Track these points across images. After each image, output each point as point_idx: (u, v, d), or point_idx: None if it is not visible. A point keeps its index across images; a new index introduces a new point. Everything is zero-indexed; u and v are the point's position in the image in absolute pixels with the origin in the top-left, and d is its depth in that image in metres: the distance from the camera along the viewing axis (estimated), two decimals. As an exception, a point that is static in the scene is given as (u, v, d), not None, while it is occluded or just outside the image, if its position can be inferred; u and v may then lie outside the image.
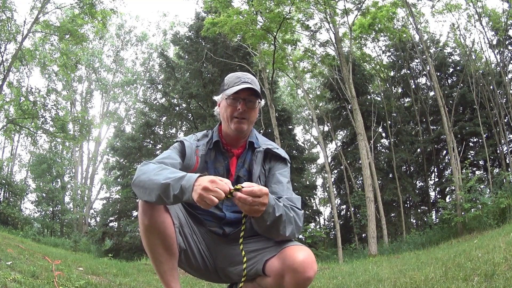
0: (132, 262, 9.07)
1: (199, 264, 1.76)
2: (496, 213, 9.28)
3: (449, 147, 12.05)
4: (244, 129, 1.72)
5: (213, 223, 1.76)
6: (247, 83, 1.71)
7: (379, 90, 19.84)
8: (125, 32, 29.51)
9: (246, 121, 1.72)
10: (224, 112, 1.75)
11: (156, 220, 1.58)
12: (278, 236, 1.56)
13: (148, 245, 1.63)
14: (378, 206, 13.26)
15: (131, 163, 17.53)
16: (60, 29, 15.69)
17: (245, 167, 1.77)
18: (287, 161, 1.80)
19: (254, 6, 12.30)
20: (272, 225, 1.49)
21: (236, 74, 1.78)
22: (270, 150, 1.77)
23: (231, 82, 1.75)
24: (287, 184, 1.74)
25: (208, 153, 1.77)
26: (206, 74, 16.04)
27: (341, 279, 4.38)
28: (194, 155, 1.74)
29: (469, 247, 5.11)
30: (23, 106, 16.40)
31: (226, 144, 1.79)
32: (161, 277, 1.69)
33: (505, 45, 16.36)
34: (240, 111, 1.69)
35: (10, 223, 16.40)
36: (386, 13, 13.77)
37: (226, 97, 1.73)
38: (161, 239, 1.60)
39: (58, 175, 22.03)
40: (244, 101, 1.70)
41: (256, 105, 1.74)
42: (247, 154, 1.78)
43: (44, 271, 3.27)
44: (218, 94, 1.82)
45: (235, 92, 1.68)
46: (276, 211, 1.46)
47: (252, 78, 1.76)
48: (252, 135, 1.82)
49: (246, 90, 1.69)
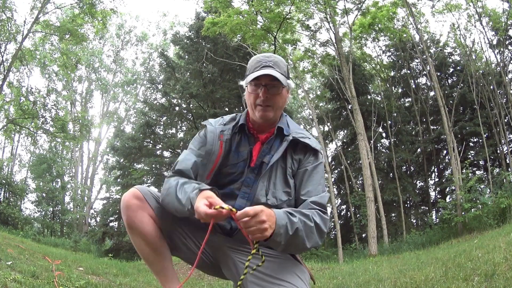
0: (132, 262, 9.08)
1: (202, 263, 1.70)
2: (496, 213, 9.28)
3: (449, 147, 12.05)
4: (269, 117, 1.60)
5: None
6: (268, 67, 1.58)
7: (379, 90, 19.83)
8: (125, 32, 29.49)
9: (271, 108, 1.59)
10: (248, 99, 1.64)
11: (134, 220, 1.57)
12: (298, 250, 1.51)
13: (135, 245, 1.63)
14: (378, 206, 13.26)
15: (131, 163, 17.53)
16: (60, 29, 15.69)
17: (271, 154, 1.62)
18: (319, 153, 1.64)
19: (254, 6, 12.30)
20: (288, 243, 1.40)
21: (257, 57, 1.66)
22: (297, 140, 1.60)
23: (252, 67, 1.63)
24: (320, 179, 1.60)
25: (234, 137, 1.67)
26: (206, 74, 16.02)
27: (341, 279, 4.38)
28: (218, 140, 1.64)
29: (469, 247, 5.11)
30: (23, 106, 16.39)
31: (252, 129, 1.68)
32: (156, 277, 1.68)
33: (505, 45, 16.35)
34: (262, 99, 1.57)
35: (10, 223, 16.38)
36: (386, 13, 13.77)
37: (247, 84, 1.62)
38: (144, 239, 1.58)
39: (58, 175, 22.04)
40: (265, 87, 1.57)
41: (279, 90, 1.60)
42: (275, 141, 1.65)
43: (44, 271, 3.27)
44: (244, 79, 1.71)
45: (254, 78, 1.57)
46: (289, 229, 1.37)
47: (276, 60, 1.62)
48: (283, 121, 1.68)
49: (266, 75, 1.55)
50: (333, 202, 15.26)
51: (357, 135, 12.88)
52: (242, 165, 1.63)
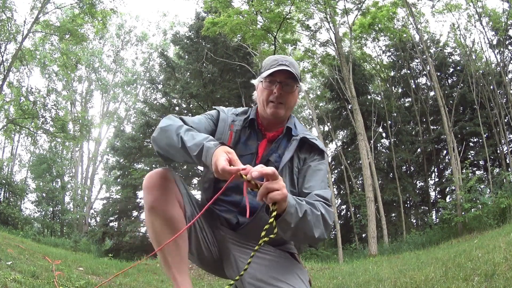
0: (132, 262, 9.08)
1: (208, 257, 1.64)
2: (496, 213, 9.29)
3: (449, 147, 12.06)
4: (281, 114, 1.61)
5: (229, 212, 1.63)
6: (285, 65, 1.58)
7: (379, 90, 19.84)
8: (125, 32, 29.49)
9: (283, 106, 1.60)
10: (260, 96, 1.64)
11: (160, 201, 1.43)
12: (306, 239, 1.42)
13: (153, 231, 1.45)
14: (378, 206, 13.26)
15: (131, 163, 17.54)
16: (60, 29, 15.69)
17: (278, 153, 1.63)
18: (324, 153, 1.67)
19: (254, 6, 12.30)
20: (297, 227, 1.33)
21: (274, 57, 1.67)
22: (307, 140, 1.63)
23: (268, 65, 1.64)
24: (323, 177, 1.61)
25: (244, 130, 1.67)
26: (206, 74, 16.04)
27: (341, 279, 4.38)
28: (228, 129, 1.65)
29: (469, 247, 5.11)
30: (23, 106, 16.40)
31: (261, 125, 1.68)
32: (167, 270, 1.48)
33: (505, 45, 16.36)
34: (276, 95, 1.58)
35: (10, 223, 16.38)
36: (386, 13, 13.78)
37: (262, 80, 1.62)
38: (168, 225, 1.42)
39: (58, 175, 22.03)
40: (280, 84, 1.58)
41: (293, 89, 1.61)
42: (283, 140, 1.65)
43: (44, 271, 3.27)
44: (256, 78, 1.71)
45: (270, 74, 1.57)
46: (299, 211, 1.31)
47: (291, 61, 1.63)
48: (291, 121, 1.69)
49: (282, 72, 1.57)
50: (333, 202, 15.21)
51: (357, 135, 12.89)
52: (249, 158, 1.61)
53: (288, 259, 1.58)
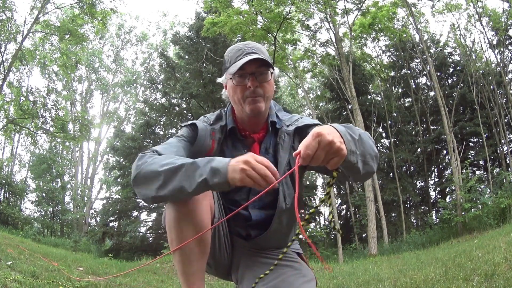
0: (132, 262, 9.08)
1: (221, 262, 1.53)
2: (496, 213, 9.29)
3: (449, 147, 12.05)
4: (261, 109, 1.41)
5: (238, 222, 1.50)
6: (252, 53, 1.40)
7: (379, 90, 19.83)
8: (125, 32, 29.52)
9: (262, 98, 1.40)
10: (233, 95, 1.43)
11: (193, 207, 1.25)
12: (373, 159, 1.26)
13: (178, 238, 1.26)
14: (378, 206, 13.26)
15: (131, 163, 17.47)
16: (60, 29, 15.69)
17: (270, 154, 1.46)
18: (318, 124, 1.46)
19: (254, 6, 12.30)
20: (363, 161, 1.19)
21: (236, 46, 1.46)
22: (298, 129, 1.46)
23: (232, 57, 1.44)
24: None
25: (225, 141, 1.48)
26: (206, 74, 16.02)
27: (341, 279, 4.38)
28: (210, 138, 1.44)
29: (469, 247, 5.11)
30: (23, 106, 16.40)
31: (243, 130, 1.49)
32: (185, 279, 1.31)
33: (505, 45, 16.36)
34: (252, 89, 1.38)
35: (10, 223, 16.39)
36: (386, 13, 13.79)
37: (231, 77, 1.41)
38: (197, 232, 1.25)
39: (58, 175, 22.05)
40: (253, 75, 1.38)
41: (269, 77, 1.41)
42: (270, 138, 1.49)
43: (44, 271, 3.27)
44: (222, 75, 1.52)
45: (239, 68, 1.37)
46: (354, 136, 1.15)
47: (257, 46, 1.45)
48: (272, 113, 1.51)
49: (252, 62, 1.36)
50: (333, 202, 15.27)
51: (357, 135, 12.85)
52: None
53: (295, 265, 1.51)
